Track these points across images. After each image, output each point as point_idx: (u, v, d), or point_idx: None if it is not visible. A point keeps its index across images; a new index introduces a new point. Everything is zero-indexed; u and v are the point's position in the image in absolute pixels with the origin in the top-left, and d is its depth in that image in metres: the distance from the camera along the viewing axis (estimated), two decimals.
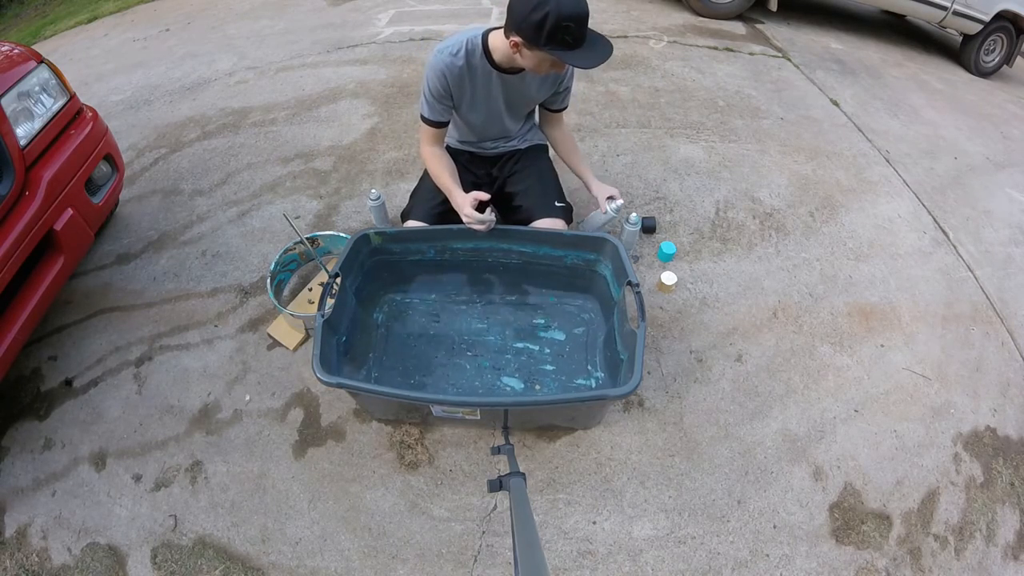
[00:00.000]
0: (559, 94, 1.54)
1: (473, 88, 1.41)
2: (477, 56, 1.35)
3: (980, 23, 4.07)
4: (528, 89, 1.46)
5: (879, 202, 2.39)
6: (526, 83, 1.43)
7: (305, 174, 2.39)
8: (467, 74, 1.37)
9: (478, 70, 1.37)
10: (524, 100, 1.52)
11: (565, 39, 1.15)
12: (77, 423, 1.61)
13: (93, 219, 1.78)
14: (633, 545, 1.35)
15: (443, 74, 1.35)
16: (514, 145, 1.69)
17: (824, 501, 1.45)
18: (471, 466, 1.48)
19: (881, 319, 1.89)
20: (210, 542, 1.37)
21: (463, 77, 1.37)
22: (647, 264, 2.00)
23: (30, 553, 1.38)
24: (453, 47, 1.35)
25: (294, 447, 1.52)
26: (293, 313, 1.63)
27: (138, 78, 3.39)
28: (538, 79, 1.43)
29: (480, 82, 1.40)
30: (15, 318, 1.50)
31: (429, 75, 1.37)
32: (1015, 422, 1.68)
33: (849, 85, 3.39)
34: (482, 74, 1.38)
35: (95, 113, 1.91)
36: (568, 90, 1.55)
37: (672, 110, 2.84)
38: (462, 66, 1.35)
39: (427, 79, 1.38)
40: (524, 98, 1.51)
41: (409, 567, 1.31)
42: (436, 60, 1.35)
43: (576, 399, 1.24)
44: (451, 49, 1.34)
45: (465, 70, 1.36)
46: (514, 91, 1.45)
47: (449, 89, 1.38)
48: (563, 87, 1.52)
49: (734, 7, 4.04)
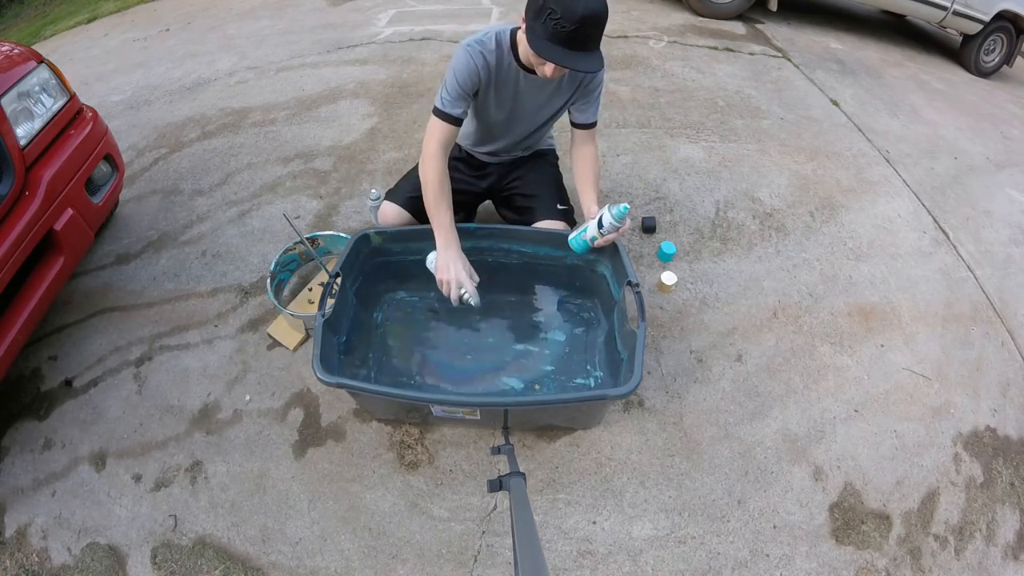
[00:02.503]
0: (583, 103, 1.47)
1: (499, 83, 1.39)
2: (505, 50, 1.34)
3: (980, 23, 4.07)
4: (549, 92, 1.43)
5: (879, 202, 2.39)
6: (548, 85, 1.40)
7: (305, 174, 2.39)
8: (496, 67, 1.35)
9: (505, 64, 1.36)
10: (547, 105, 1.48)
11: (557, 28, 1.12)
12: (77, 423, 1.61)
13: (93, 219, 1.78)
14: (633, 545, 1.35)
15: (474, 63, 1.31)
16: (519, 153, 1.69)
17: (824, 501, 1.45)
18: (471, 466, 1.48)
19: (881, 319, 1.89)
20: (210, 542, 1.37)
21: (492, 69, 1.35)
22: (647, 264, 2.00)
23: (30, 553, 1.38)
24: (484, 38, 1.33)
25: (294, 447, 1.52)
26: (293, 313, 1.63)
27: (138, 78, 3.39)
28: (556, 82, 1.39)
29: (506, 77, 1.38)
30: (15, 318, 1.50)
31: (458, 65, 1.32)
32: (1015, 422, 1.68)
33: (849, 85, 3.39)
34: (509, 69, 1.37)
35: (95, 113, 1.91)
36: (594, 100, 1.46)
37: (672, 110, 2.84)
38: (492, 58, 1.33)
39: (454, 69, 1.33)
40: (546, 102, 1.46)
41: (409, 567, 1.31)
42: (467, 49, 1.32)
43: (576, 399, 1.24)
44: (483, 40, 1.33)
45: (494, 63, 1.34)
46: (538, 92, 1.42)
47: (478, 80, 1.34)
48: (587, 94, 1.44)
49: (734, 7, 4.05)
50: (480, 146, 1.66)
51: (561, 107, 1.50)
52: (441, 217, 1.36)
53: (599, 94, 1.47)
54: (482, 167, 1.71)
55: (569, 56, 1.15)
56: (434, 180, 1.36)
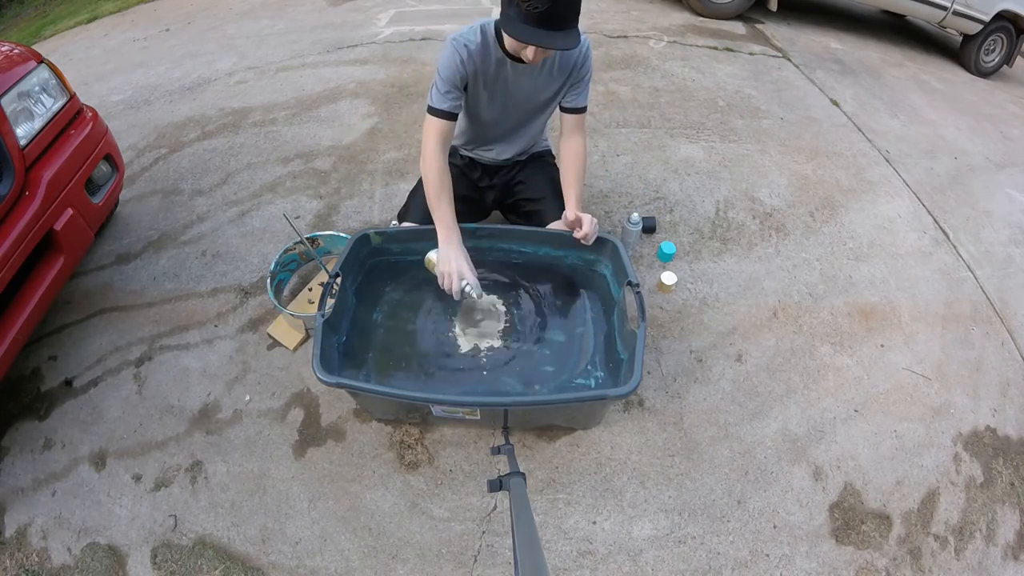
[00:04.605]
0: (574, 88, 1.47)
1: (486, 74, 1.38)
2: (490, 41, 1.34)
3: (980, 23, 4.07)
4: (540, 82, 1.43)
5: (879, 202, 2.39)
6: (538, 73, 1.40)
7: (305, 174, 2.39)
8: (481, 58, 1.35)
9: (491, 55, 1.36)
10: (538, 96, 1.48)
11: (530, 10, 1.12)
12: (77, 423, 1.61)
13: (93, 219, 1.78)
14: (633, 545, 1.35)
15: (458, 55, 1.32)
16: (517, 156, 1.69)
17: (824, 501, 1.45)
18: (471, 466, 1.48)
19: (881, 319, 1.89)
20: (210, 542, 1.37)
21: (476, 60, 1.35)
22: (647, 264, 2.00)
23: (30, 553, 1.38)
24: (469, 32, 1.34)
25: (294, 447, 1.52)
26: (293, 313, 1.63)
27: (138, 78, 3.39)
28: (545, 69, 1.40)
29: (492, 68, 1.38)
30: (15, 318, 1.50)
31: (442, 60, 1.33)
32: (1015, 422, 1.68)
33: (849, 85, 3.39)
34: (496, 61, 1.37)
35: (95, 113, 1.91)
36: (583, 85, 1.47)
37: (672, 110, 2.84)
38: (476, 49, 1.33)
39: (440, 65, 1.34)
40: (538, 90, 1.46)
41: (409, 567, 1.31)
42: (452, 44, 1.32)
43: (576, 399, 1.23)
44: (466, 33, 1.34)
45: (479, 54, 1.34)
46: (528, 80, 1.42)
47: (465, 75, 1.35)
48: (577, 80, 1.45)
49: (734, 7, 4.05)
50: (480, 147, 1.66)
51: (554, 95, 1.50)
52: (442, 212, 1.36)
53: (589, 79, 1.48)
54: (484, 176, 1.71)
55: (546, 36, 1.15)
56: (434, 176, 1.36)
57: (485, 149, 1.66)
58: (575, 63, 1.42)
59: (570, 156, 1.52)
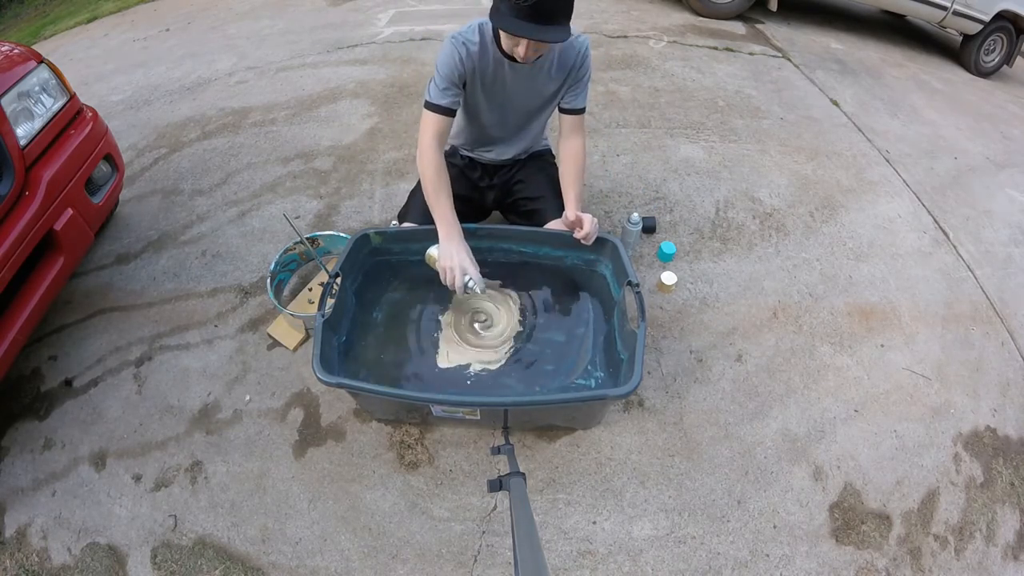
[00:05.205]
0: (573, 88, 1.47)
1: (484, 72, 1.39)
2: (488, 40, 1.35)
3: (980, 23, 4.07)
4: (539, 82, 1.43)
5: (879, 202, 2.39)
6: (537, 73, 1.40)
7: (305, 174, 2.39)
8: (479, 56, 1.35)
9: (488, 54, 1.36)
10: (536, 97, 1.48)
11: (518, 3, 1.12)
12: (77, 423, 1.61)
13: (93, 219, 1.78)
14: (633, 545, 1.35)
15: (457, 53, 1.32)
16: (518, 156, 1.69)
17: (824, 501, 1.45)
18: (471, 466, 1.48)
19: (881, 319, 1.89)
20: (210, 542, 1.37)
21: (475, 58, 1.35)
22: (647, 264, 2.00)
23: (30, 553, 1.38)
24: (468, 31, 1.34)
25: (294, 447, 1.52)
26: (293, 313, 1.63)
27: (138, 78, 3.39)
28: (543, 68, 1.40)
29: (490, 67, 1.38)
30: (15, 318, 1.50)
31: (441, 56, 1.34)
32: (1015, 422, 1.68)
33: (849, 85, 3.39)
34: (494, 60, 1.37)
35: (95, 113, 1.91)
36: (582, 86, 1.47)
37: (672, 110, 2.84)
38: (475, 48, 1.33)
39: (439, 62, 1.34)
40: (536, 90, 1.46)
41: (409, 567, 1.31)
42: (451, 41, 1.33)
43: (576, 399, 1.23)
44: (465, 31, 1.34)
45: (477, 52, 1.34)
46: (525, 79, 1.42)
47: (463, 73, 1.35)
48: (576, 80, 1.45)
49: (734, 7, 4.05)
50: (479, 147, 1.66)
51: (552, 96, 1.50)
52: (442, 208, 1.36)
53: (587, 79, 1.48)
54: (484, 176, 1.71)
55: (536, 29, 1.16)
56: (432, 172, 1.36)
57: (485, 150, 1.66)
58: (574, 63, 1.42)
59: (569, 156, 1.52)
